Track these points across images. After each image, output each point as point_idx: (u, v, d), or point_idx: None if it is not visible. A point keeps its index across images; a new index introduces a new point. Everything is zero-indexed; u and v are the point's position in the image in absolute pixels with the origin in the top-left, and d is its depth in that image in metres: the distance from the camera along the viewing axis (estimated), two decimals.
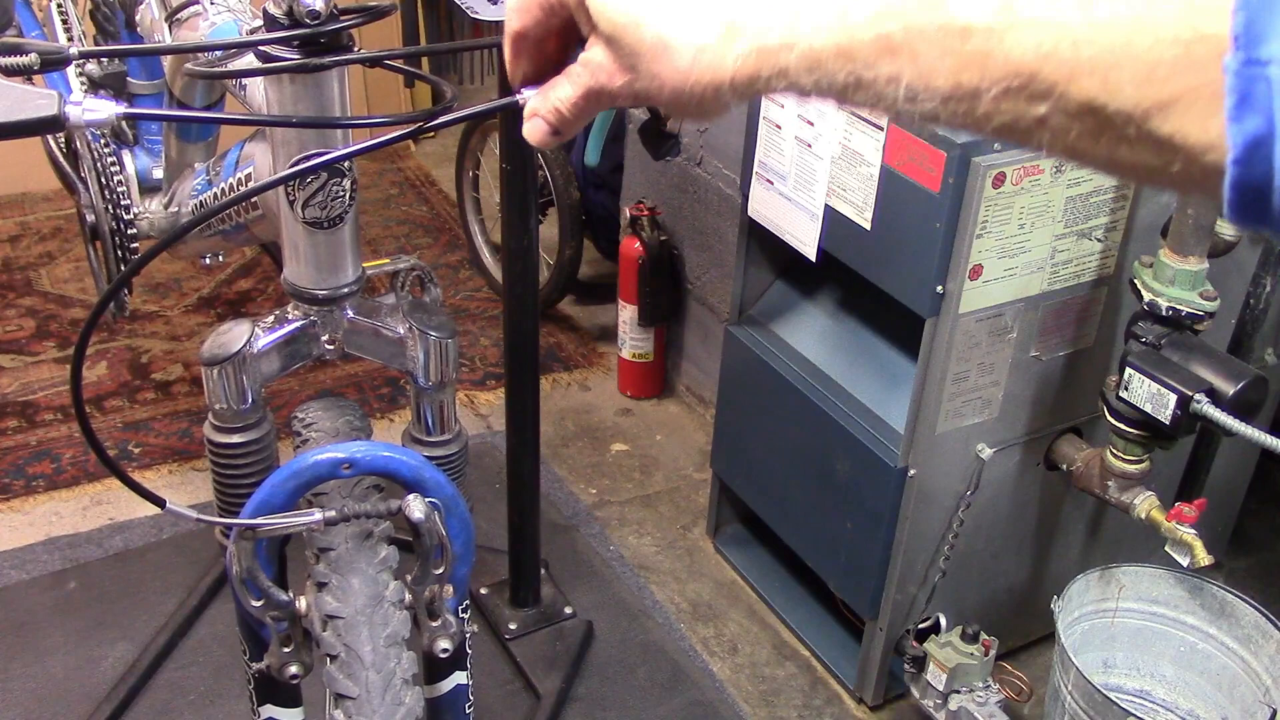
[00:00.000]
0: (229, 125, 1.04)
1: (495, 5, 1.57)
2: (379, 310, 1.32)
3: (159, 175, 1.98)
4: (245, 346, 1.25)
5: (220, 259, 1.95)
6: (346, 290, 1.28)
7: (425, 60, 2.05)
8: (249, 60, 1.25)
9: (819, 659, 2.13)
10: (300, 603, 1.11)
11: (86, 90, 1.84)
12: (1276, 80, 0.39)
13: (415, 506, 1.07)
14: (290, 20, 1.09)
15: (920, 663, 1.89)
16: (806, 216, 1.83)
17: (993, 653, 1.86)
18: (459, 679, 1.24)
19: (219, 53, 1.42)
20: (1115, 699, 1.66)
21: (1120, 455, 1.74)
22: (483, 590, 2.16)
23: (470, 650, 1.24)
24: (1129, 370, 1.65)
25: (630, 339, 2.72)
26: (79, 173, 1.92)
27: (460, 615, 1.17)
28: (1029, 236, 1.64)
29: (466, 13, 1.57)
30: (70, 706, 1.95)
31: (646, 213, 2.60)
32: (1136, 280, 1.70)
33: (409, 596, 1.13)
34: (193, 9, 1.61)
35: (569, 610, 2.15)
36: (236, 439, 1.29)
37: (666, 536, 2.41)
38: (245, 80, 1.36)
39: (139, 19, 1.84)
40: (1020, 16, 0.45)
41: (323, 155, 0.94)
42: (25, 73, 0.84)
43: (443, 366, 1.33)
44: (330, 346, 1.31)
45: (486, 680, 2.02)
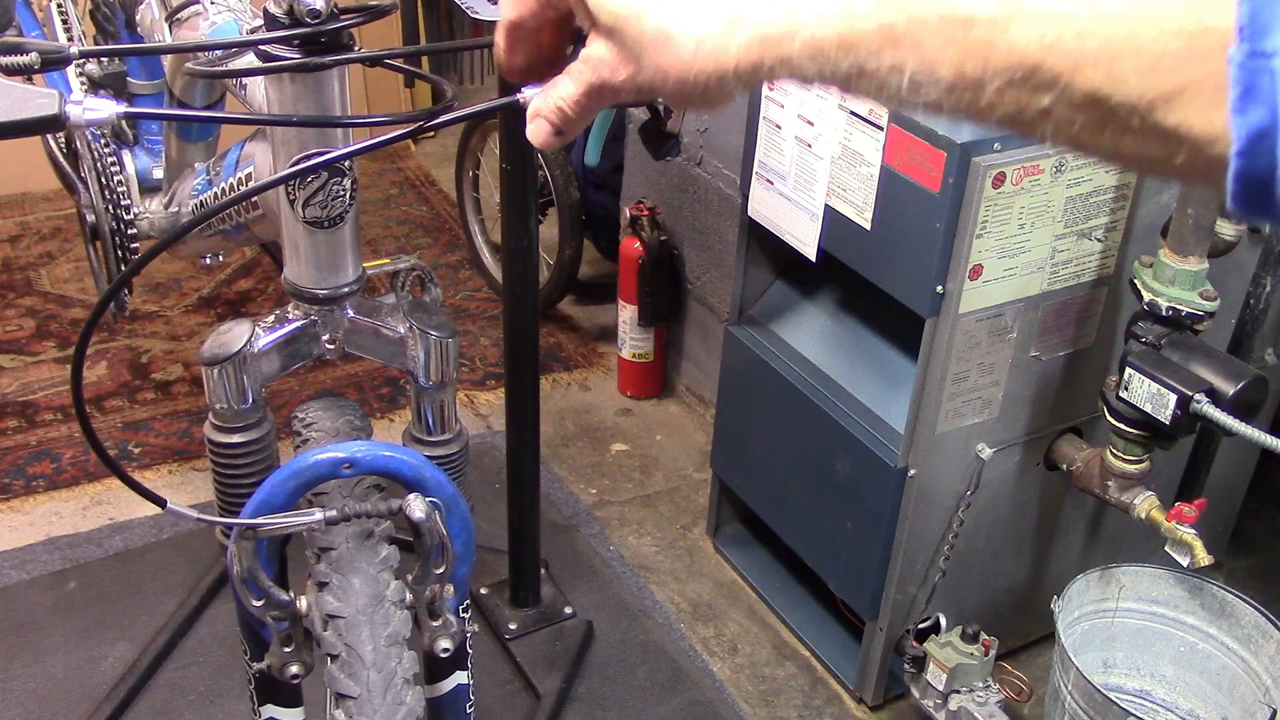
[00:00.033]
0: (229, 125, 1.04)
1: (495, 5, 1.57)
2: (379, 310, 1.32)
3: (159, 175, 1.98)
4: (246, 346, 1.25)
5: (220, 259, 1.96)
6: (347, 290, 1.28)
7: (425, 60, 2.05)
8: (249, 59, 1.25)
9: (819, 659, 2.13)
10: (301, 602, 1.11)
11: (86, 90, 1.84)
12: None
13: (416, 506, 1.07)
14: (291, 19, 1.09)
15: (920, 663, 1.89)
16: (806, 216, 1.83)
17: (993, 653, 1.86)
18: (460, 679, 1.24)
19: (219, 52, 1.42)
20: (1115, 699, 1.66)
21: (1120, 455, 1.74)
22: (483, 590, 2.16)
23: (471, 650, 1.24)
24: (1129, 370, 1.66)
25: (630, 339, 2.72)
26: (79, 173, 1.92)
27: (461, 615, 1.17)
28: (1029, 236, 1.64)
29: (466, 13, 1.57)
30: (70, 706, 1.95)
31: (646, 213, 2.60)
32: (1136, 280, 1.70)
33: (410, 596, 1.13)
34: (193, 8, 1.61)
35: (569, 610, 2.15)
36: (237, 439, 1.29)
37: (666, 536, 2.41)
38: (245, 80, 1.36)
39: (139, 19, 1.84)
40: (1024, 7, 0.45)
41: (323, 154, 0.94)
42: (25, 72, 0.84)
43: (443, 366, 1.33)
44: (331, 346, 1.31)
45: (486, 680, 2.02)
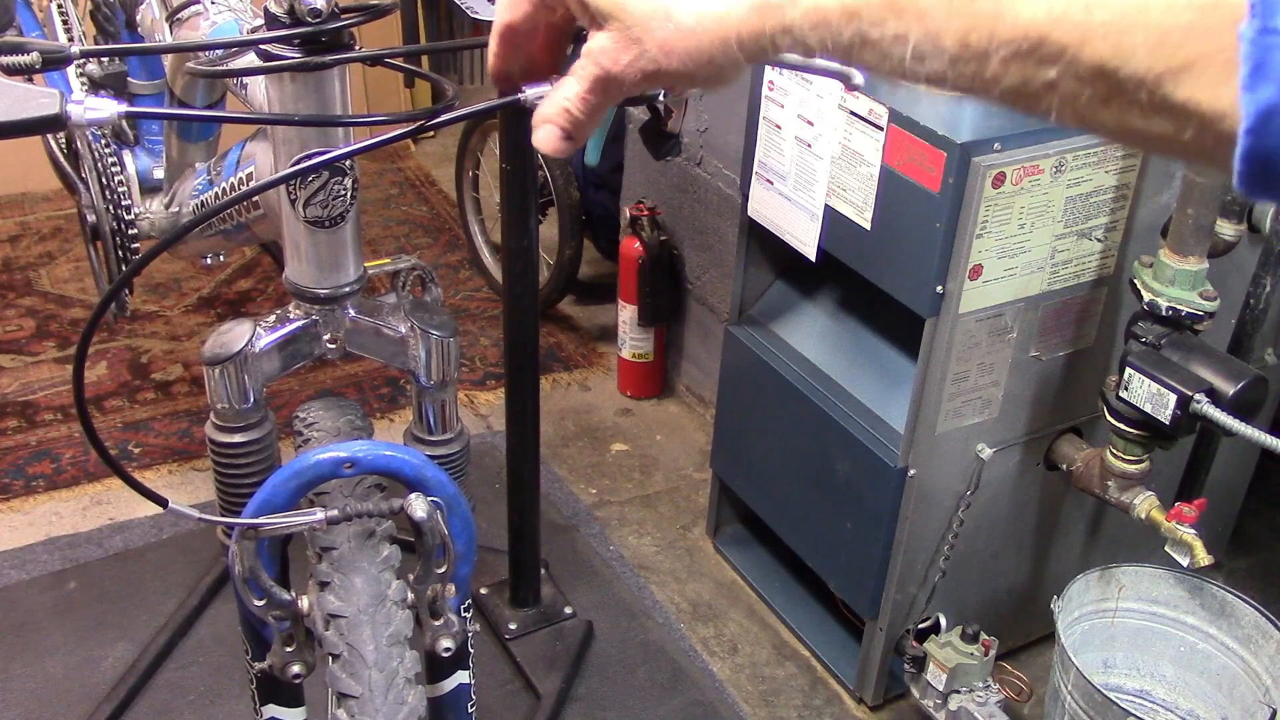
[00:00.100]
0: (230, 124, 1.04)
1: (494, 5, 1.57)
2: (380, 309, 1.32)
3: (159, 175, 1.98)
4: (247, 346, 1.25)
5: (220, 259, 1.95)
6: (348, 289, 1.28)
7: (425, 59, 2.05)
8: (250, 59, 1.25)
9: (819, 659, 2.13)
10: (303, 602, 1.11)
11: (87, 90, 1.84)
12: None
13: (417, 505, 1.07)
14: (291, 19, 1.10)
15: (920, 663, 1.89)
16: (806, 216, 1.83)
17: (993, 653, 1.86)
18: (461, 678, 1.24)
19: (220, 51, 1.42)
20: (1115, 699, 1.66)
21: (1120, 455, 1.74)
22: (483, 590, 2.16)
23: (472, 649, 1.24)
24: (1129, 370, 1.66)
25: (630, 339, 2.72)
26: (79, 173, 1.92)
27: (462, 614, 1.17)
28: (1029, 236, 1.64)
29: (466, 13, 1.57)
30: (70, 706, 1.94)
31: (646, 213, 2.60)
32: (1136, 280, 1.70)
33: (411, 595, 1.13)
34: (193, 8, 1.61)
35: (569, 610, 2.15)
36: (238, 438, 1.29)
37: (666, 536, 2.41)
38: (246, 79, 1.36)
39: (139, 19, 1.84)
40: None
41: (324, 154, 0.94)
42: (26, 72, 0.84)
43: (444, 365, 1.33)
44: (332, 346, 1.31)
45: (486, 680, 2.02)
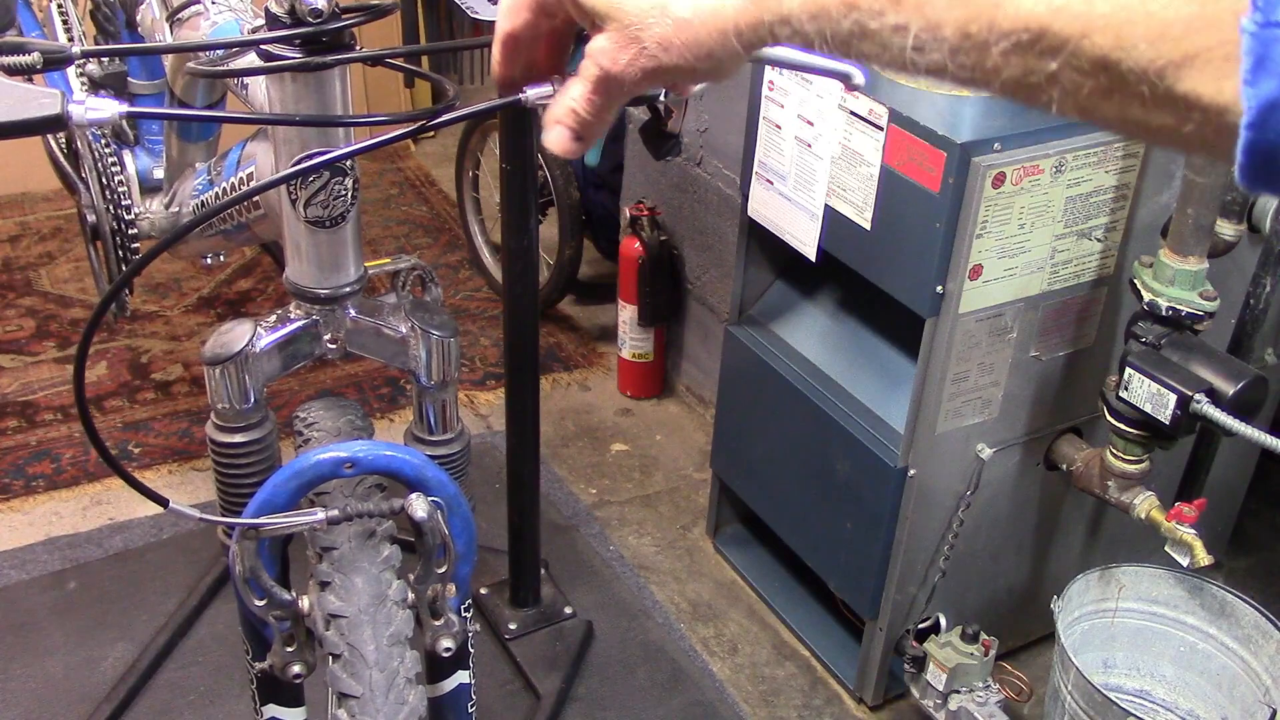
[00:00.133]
0: (230, 124, 1.04)
1: (495, 5, 1.56)
2: (381, 309, 1.32)
3: (160, 175, 1.98)
4: (248, 346, 1.25)
5: (221, 259, 1.95)
6: (348, 289, 1.28)
7: (425, 59, 2.05)
8: (251, 59, 1.25)
9: (819, 659, 2.13)
10: (303, 602, 1.11)
11: (87, 90, 1.84)
12: None
13: (418, 505, 1.07)
14: (292, 19, 1.10)
15: (920, 663, 1.89)
16: (806, 216, 1.83)
17: (993, 653, 1.86)
18: (461, 678, 1.24)
19: (220, 52, 1.42)
20: (1115, 699, 1.66)
21: (1120, 455, 1.75)
22: (483, 590, 2.16)
23: (472, 649, 1.24)
24: (1129, 370, 1.66)
25: (630, 339, 2.72)
26: (79, 173, 1.92)
27: (463, 614, 1.17)
28: (1029, 236, 1.64)
29: (466, 13, 1.57)
30: (70, 706, 1.95)
31: (646, 213, 2.60)
32: (1136, 280, 1.70)
33: (412, 595, 1.13)
34: (194, 8, 1.61)
35: (569, 610, 2.15)
36: (239, 438, 1.29)
37: (666, 536, 2.41)
38: (247, 79, 1.36)
39: (140, 18, 1.84)
40: None
41: (325, 154, 0.94)
42: (27, 72, 0.84)
43: (445, 365, 1.33)
44: (332, 346, 1.31)
45: (486, 680, 2.02)
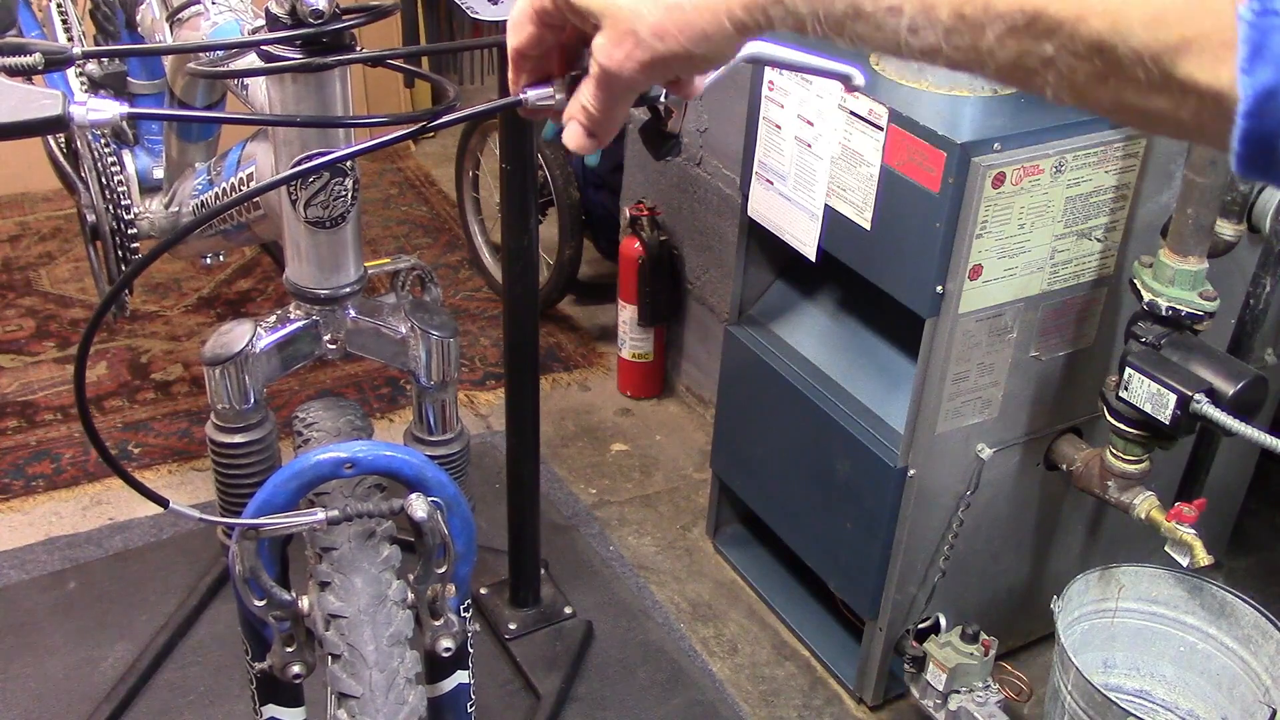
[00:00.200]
0: (230, 125, 1.04)
1: (495, 5, 1.57)
2: (381, 310, 1.32)
3: (159, 175, 1.98)
4: (247, 346, 1.25)
5: (220, 259, 1.95)
6: (348, 290, 1.28)
7: (425, 60, 2.05)
8: (251, 60, 1.25)
9: (819, 659, 2.13)
10: (303, 602, 1.11)
11: (86, 90, 1.84)
12: None
13: (418, 506, 1.08)
14: (293, 20, 1.09)
15: (920, 663, 1.89)
16: (806, 216, 1.83)
17: (992, 653, 1.86)
18: (461, 678, 1.25)
19: (221, 52, 1.42)
20: (1115, 699, 1.66)
21: (1120, 455, 1.75)
22: (483, 590, 2.16)
23: (472, 649, 1.24)
24: (1129, 370, 1.66)
25: (630, 339, 2.72)
26: (79, 173, 1.92)
27: (462, 614, 1.18)
28: (1029, 236, 1.64)
29: (466, 13, 1.57)
30: (70, 706, 1.95)
31: (646, 213, 2.60)
32: (1136, 280, 1.70)
33: (411, 595, 1.13)
34: (194, 8, 1.61)
35: (569, 610, 2.15)
36: (239, 439, 1.29)
37: (666, 536, 2.41)
38: (247, 80, 1.36)
39: (140, 19, 1.84)
40: None
41: (325, 155, 0.94)
42: (28, 73, 0.84)
43: (445, 366, 1.33)
44: (332, 346, 1.31)
45: (486, 680, 2.02)
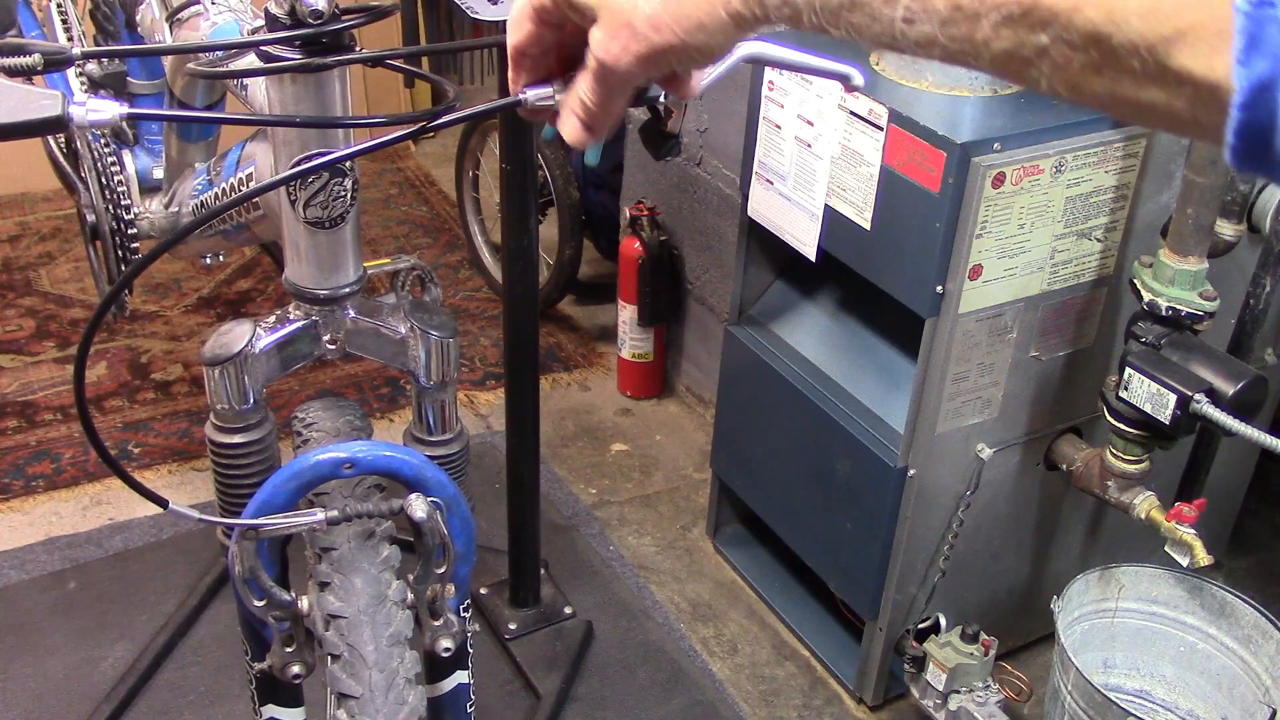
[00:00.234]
0: (230, 125, 1.04)
1: (495, 5, 1.57)
2: (380, 310, 1.32)
3: (159, 175, 1.98)
4: (247, 346, 1.25)
5: (220, 259, 1.95)
6: (348, 290, 1.28)
7: (425, 60, 2.05)
8: (250, 60, 1.25)
9: (819, 659, 2.13)
10: (303, 602, 1.11)
11: (86, 90, 1.84)
12: None
13: (417, 506, 1.08)
14: (292, 20, 1.09)
15: (920, 663, 1.89)
16: (806, 216, 1.83)
17: (992, 653, 1.86)
18: (460, 678, 1.24)
19: (220, 53, 1.42)
20: (1115, 699, 1.66)
21: (1120, 455, 1.75)
22: (483, 590, 2.16)
23: (471, 649, 1.24)
24: (1129, 370, 1.66)
25: (630, 339, 2.72)
26: (79, 173, 1.92)
27: (462, 614, 1.18)
28: (1029, 236, 1.64)
29: (466, 13, 1.57)
30: (70, 706, 1.95)
31: (646, 213, 2.60)
32: (1136, 280, 1.70)
33: (411, 596, 1.13)
34: (194, 9, 1.61)
35: (569, 610, 2.15)
36: (238, 439, 1.29)
37: (666, 536, 2.41)
38: (247, 80, 1.36)
39: (139, 19, 1.84)
40: None
41: (324, 155, 0.94)
42: (28, 73, 0.84)
43: (444, 366, 1.33)
44: (332, 346, 1.31)
45: (486, 680, 2.02)
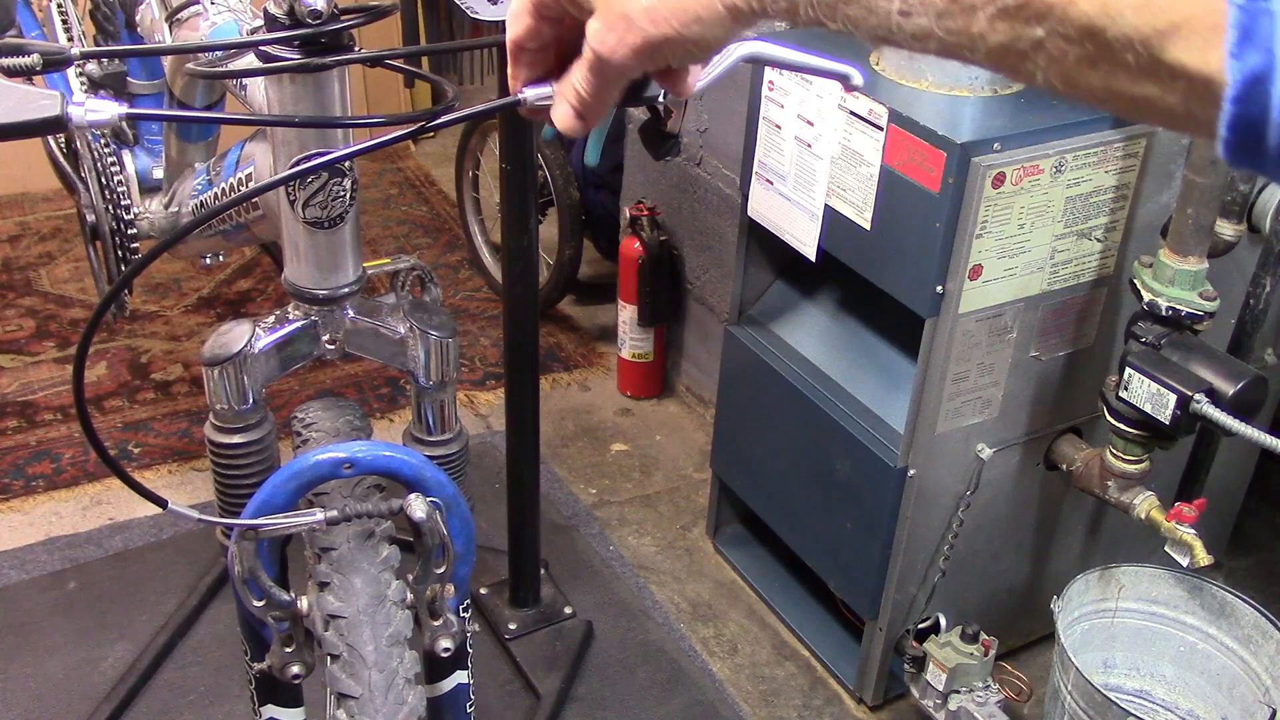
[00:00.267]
0: (230, 125, 1.04)
1: (495, 5, 1.57)
2: (380, 310, 1.32)
3: (159, 175, 1.98)
4: (246, 346, 1.25)
5: (220, 259, 1.95)
6: (347, 290, 1.28)
7: (425, 60, 2.04)
8: (250, 60, 1.25)
9: (819, 659, 2.13)
10: (302, 603, 1.11)
11: (86, 90, 1.84)
12: None
13: (417, 506, 1.07)
14: (291, 20, 1.09)
15: (920, 663, 1.89)
16: (806, 216, 1.83)
17: (992, 653, 1.86)
18: (460, 678, 1.24)
19: (220, 53, 1.42)
20: (1115, 699, 1.66)
21: (1120, 455, 1.74)
22: (483, 590, 2.16)
23: (471, 649, 1.24)
24: (1129, 370, 1.66)
25: (630, 339, 2.72)
26: (79, 173, 1.92)
27: (461, 614, 1.17)
28: (1029, 236, 1.64)
29: (466, 13, 1.57)
30: (70, 706, 1.95)
31: (646, 213, 2.60)
32: (1136, 280, 1.70)
33: (411, 596, 1.13)
34: (193, 9, 1.61)
35: (569, 610, 2.15)
36: (238, 439, 1.29)
37: (666, 536, 2.41)
38: (246, 80, 1.36)
39: (139, 19, 1.84)
40: None
41: (323, 155, 0.94)
42: (27, 73, 0.84)
43: (443, 366, 1.33)
44: (331, 346, 1.31)
45: (486, 680, 2.02)
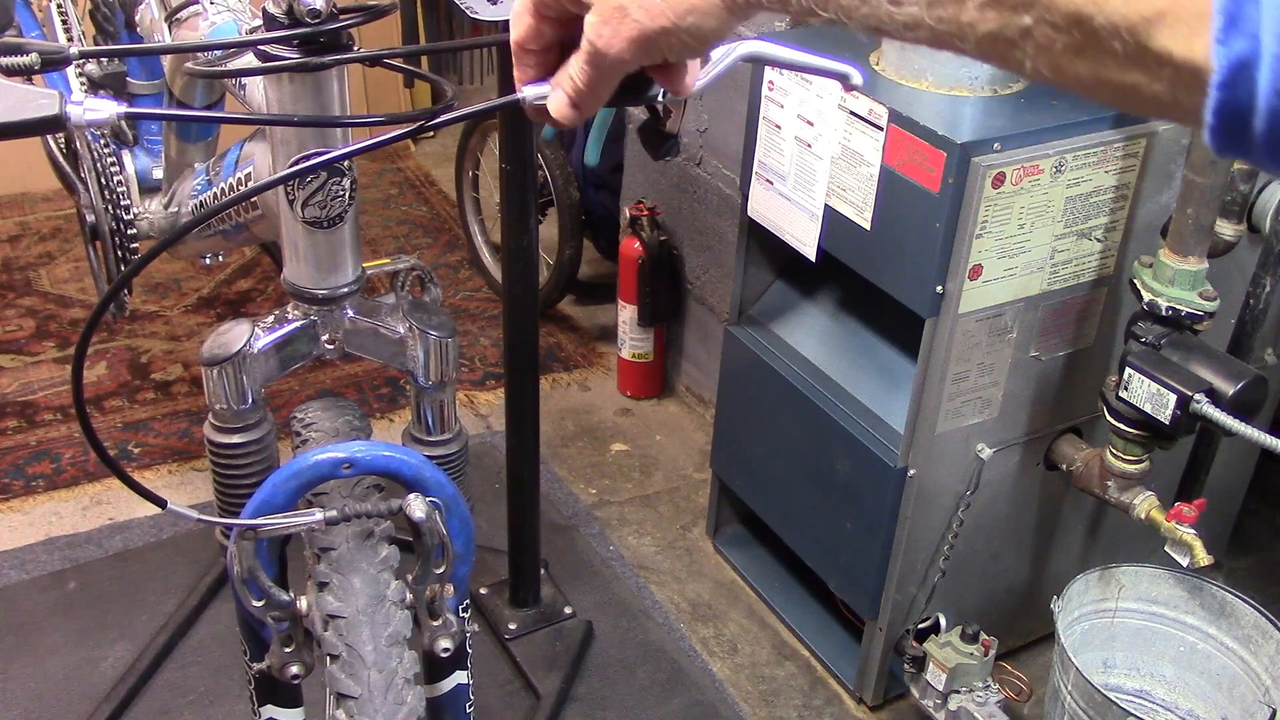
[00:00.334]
0: (229, 125, 1.04)
1: (495, 5, 1.57)
2: (379, 310, 1.32)
3: (159, 175, 1.98)
4: (245, 346, 1.25)
5: (220, 259, 1.95)
6: (346, 290, 1.28)
7: (424, 59, 2.05)
8: (249, 59, 1.25)
9: (819, 659, 2.13)
10: (301, 603, 1.11)
11: (86, 90, 1.84)
12: (1267, 1, 0.39)
13: (416, 506, 1.07)
14: (290, 19, 1.09)
15: (920, 663, 1.89)
16: (806, 216, 1.83)
17: (992, 653, 1.86)
18: (460, 678, 1.24)
19: (219, 52, 1.42)
20: (1115, 699, 1.66)
21: (1120, 455, 1.74)
22: (483, 590, 2.16)
23: (471, 649, 1.24)
24: (1129, 370, 1.66)
25: (630, 339, 2.72)
26: (79, 173, 1.92)
27: (461, 614, 1.17)
28: (1029, 236, 1.64)
29: (466, 12, 1.57)
30: (70, 706, 1.95)
31: (646, 213, 2.60)
32: (1136, 280, 1.70)
33: (410, 596, 1.13)
34: (192, 9, 1.61)
35: (569, 610, 2.15)
36: (237, 439, 1.29)
37: (666, 536, 2.41)
38: (245, 80, 1.36)
39: (139, 19, 1.84)
40: None
41: (323, 155, 0.94)
42: (26, 73, 0.84)
43: (443, 366, 1.33)
44: (330, 346, 1.31)
45: (486, 680, 2.02)
